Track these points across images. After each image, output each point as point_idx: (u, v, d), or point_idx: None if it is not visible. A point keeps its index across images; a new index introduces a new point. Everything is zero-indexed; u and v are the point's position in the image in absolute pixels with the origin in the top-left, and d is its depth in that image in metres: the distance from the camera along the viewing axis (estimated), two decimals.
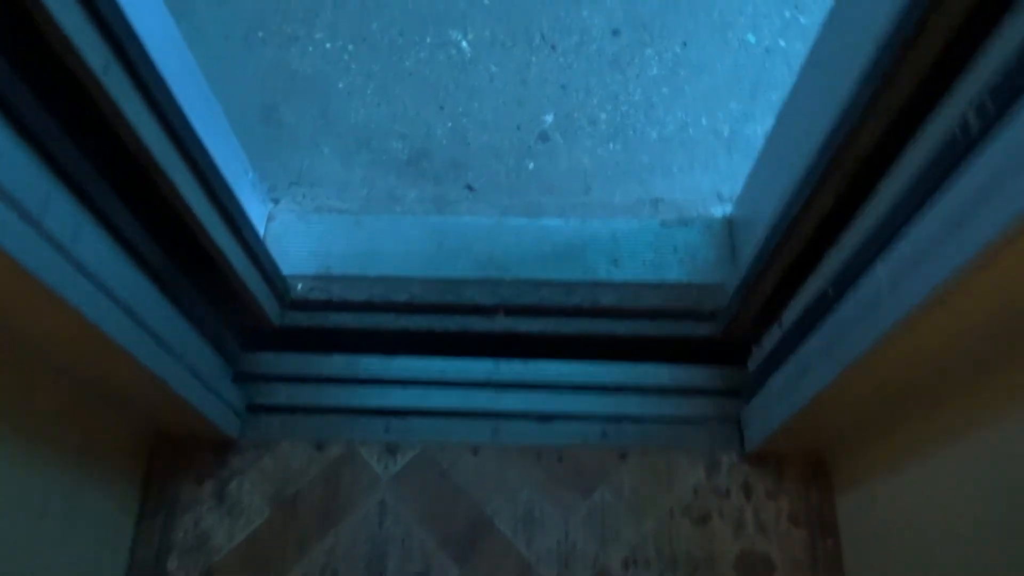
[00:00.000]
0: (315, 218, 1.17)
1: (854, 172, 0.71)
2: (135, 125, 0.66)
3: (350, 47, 1.34)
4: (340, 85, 1.31)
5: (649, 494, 1.00)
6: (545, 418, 1.04)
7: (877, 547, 0.88)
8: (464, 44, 1.35)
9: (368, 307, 1.12)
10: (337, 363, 1.06)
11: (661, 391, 1.06)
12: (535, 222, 1.16)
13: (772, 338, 0.94)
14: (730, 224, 1.15)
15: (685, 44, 1.36)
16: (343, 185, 1.23)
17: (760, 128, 1.29)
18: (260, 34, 1.35)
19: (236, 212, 0.87)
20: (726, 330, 1.06)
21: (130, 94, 0.65)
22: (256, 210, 1.14)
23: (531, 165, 1.25)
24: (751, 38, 1.36)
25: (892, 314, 0.60)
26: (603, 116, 1.29)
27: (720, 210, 1.22)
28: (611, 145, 1.27)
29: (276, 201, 1.20)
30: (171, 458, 0.97)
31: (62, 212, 0.62)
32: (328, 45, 1.34)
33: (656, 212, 1.22)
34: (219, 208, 0.84)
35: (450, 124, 1.28)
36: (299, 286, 1.12)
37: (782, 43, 1.36)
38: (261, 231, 1.15)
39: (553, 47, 1.35)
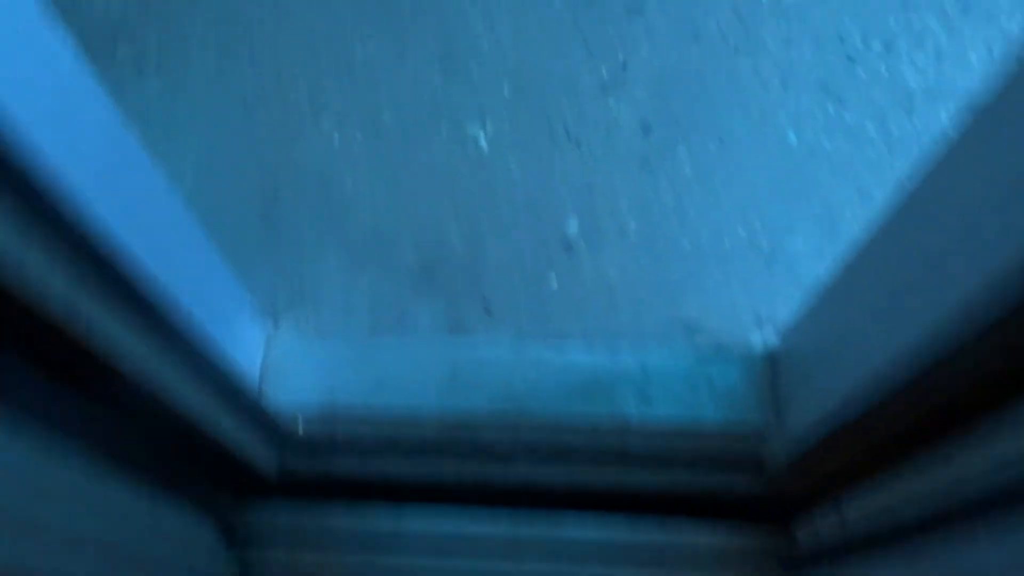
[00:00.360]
0: (318, 343, 1.08)
1: (965, 388, 0.60)
2: (109, 343, 0.57)
3: (359, 139, 1.24)
4: (347, 182, 1.21)
5: None
6: None
7: None
8: (482, 139, 1.25)
9: (376, 449, 1.02)
10: (341, 520, 0.97)
11: (696, 557, 0.96)
12: (558, 356, 1.06)
13: (828, 524, 0.84)
14: (772, 360, 1.05)
15: (721, 142, 1.26)
16: (349, 301, 1.13)
17: (802, 241, 1.19)
18: (262, 125, 1.25)
19: (230, 390, 0.78)
20: (768, 488, 0.97)
21: (101, 312, 0.55)
22: (254, 338, 1.04)
23: (554, 282, 1.15)
24: (792, 137, 1.26)
25: None
26: (632, 224, 1.20)
27: (759, 336, 1.12)
28: (640, 258, 1.17)
29: (276, 323, 1.10)
30: None
31: (23, 464, 0.52)
32: (336, 136, 1.24)
33: (690, 337, 1.12)
34: (211, 391, 0.74)
35: (466, 230, 1.19)
36: (301, 424, 1.02)
37: (826, 143, 1.26)
38: (259, 360, 1.05)
39: (578, 143, 1.25)
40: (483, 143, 1.25)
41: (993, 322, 0.50)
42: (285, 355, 1.07)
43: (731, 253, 1.18)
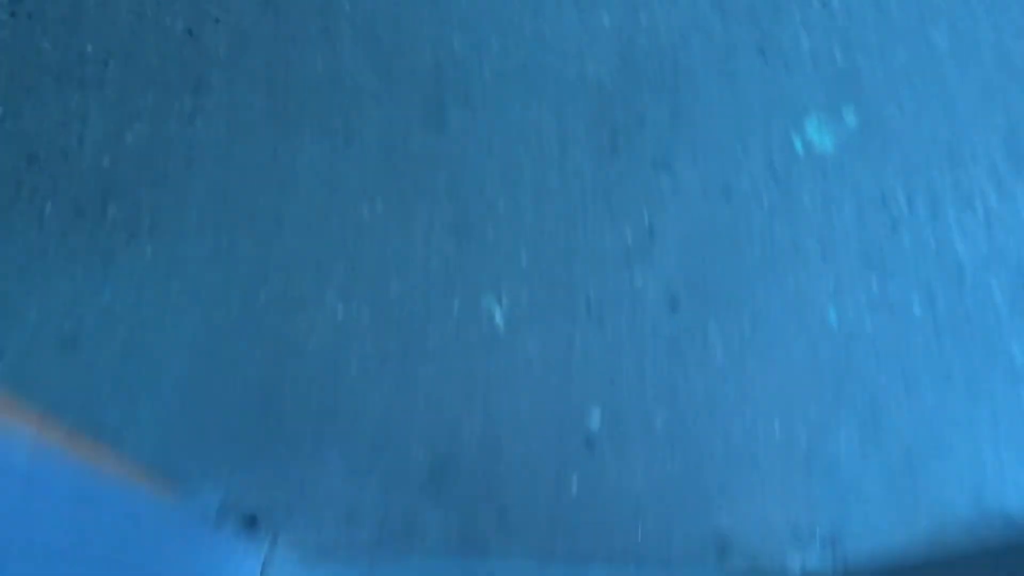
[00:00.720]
0: (318, 568, 0.99)
1: None
2: None
3: (365, 314, 1.16)
4: (352, 367, 1.13)
5: None
6: None
7: None
8: (497, 315, 1.16)
9: None
10: None
11: None
12: None
13: None
14: None
15: (755, 321, 1.17)
16: (353, 508, 1.05)
17: (843, 439, 1.10)
18: (262, 297, 1.17)
19: None
20: None
21: None
22: (250, 565, 0.96)
23: (574, 486, 1.06)
24: (832, 316, 1.17)
25: None
26: (659, 417, 1.11)
27: (798, 559, 1.03)
28: (668, 460, 1.08)
29: (275, 539, 1.02)
30: None
31: None
32: (340, 312, 1.16)
33: (721, 558, 1.03)
34: None
35: (480, 424, 1.10)
36: None
37: (868, 324, 1.17)
38: None
39: (600, 320, 1.17)
40: (498, 320, 1.16)
41: None
42: None
43: (766, 453, 1.09)
